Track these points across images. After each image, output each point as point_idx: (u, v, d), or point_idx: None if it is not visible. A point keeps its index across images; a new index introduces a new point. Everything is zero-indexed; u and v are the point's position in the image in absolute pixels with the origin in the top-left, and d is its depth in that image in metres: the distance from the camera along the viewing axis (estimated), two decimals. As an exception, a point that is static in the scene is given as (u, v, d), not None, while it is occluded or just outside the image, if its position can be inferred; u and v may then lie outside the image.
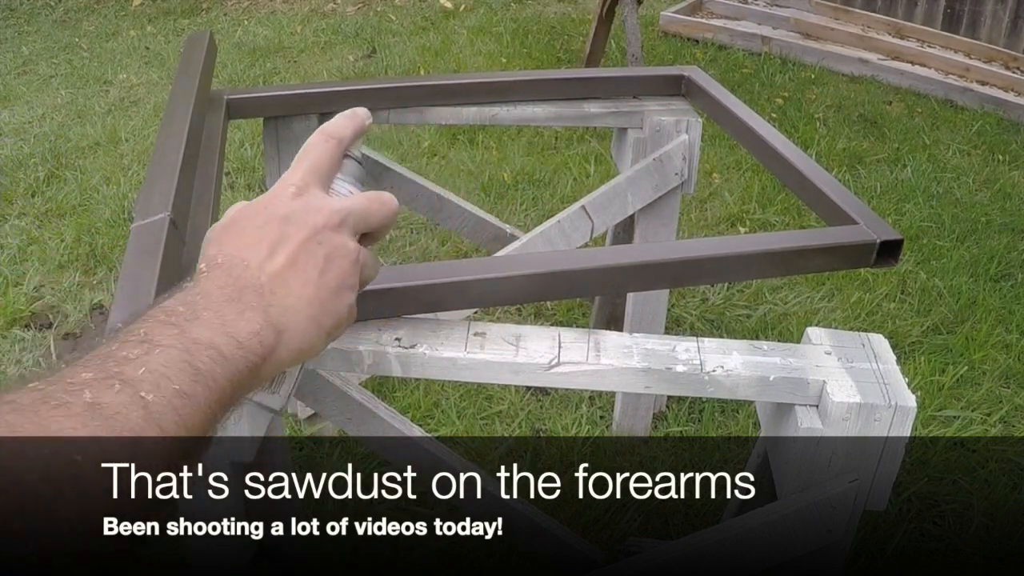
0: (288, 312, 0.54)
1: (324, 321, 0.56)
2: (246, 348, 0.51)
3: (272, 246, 0.55)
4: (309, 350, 0.56)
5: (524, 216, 2.79)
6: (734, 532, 0.94)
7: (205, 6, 5.29)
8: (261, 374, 0.53)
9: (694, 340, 0.95)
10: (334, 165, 0.61)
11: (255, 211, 0.57)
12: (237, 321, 0.51)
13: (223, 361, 0.49)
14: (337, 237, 0.57)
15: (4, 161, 3.28)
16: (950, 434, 1.97)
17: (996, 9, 4.11)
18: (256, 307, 0.53)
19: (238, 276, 0.53)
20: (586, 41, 3.75)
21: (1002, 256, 2.66)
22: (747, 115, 1.43)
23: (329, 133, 0.61)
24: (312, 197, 0.57)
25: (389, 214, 0.61)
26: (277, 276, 0.54)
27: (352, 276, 0.58)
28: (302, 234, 0.56)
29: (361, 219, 0.59)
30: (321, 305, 0.56)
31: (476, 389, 2.05)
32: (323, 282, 0.56)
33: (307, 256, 0.55)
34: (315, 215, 0.57)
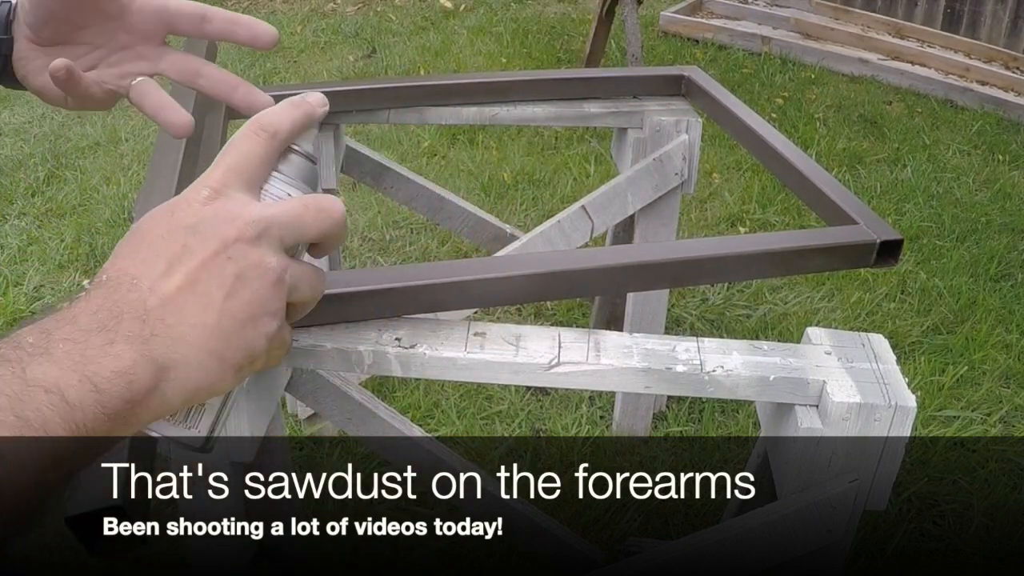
0: (178, 344, 0.45)
1: (229, 355, 0.47)
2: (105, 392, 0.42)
3: (170, 262, 0.46)
4: (209, 389, 0.47)
5: (524, 216, 2.79)
6: (734, 532, 0.94)
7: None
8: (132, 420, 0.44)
9: (694, 340, 0.95)
10: (265, 164, 0.50)
11: (160, 217, 0.48)
12: (100, 357, 0.42)
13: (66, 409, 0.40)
14: (253, 252, 0.47)
15: (4, 161, 3.28)
16: (950, 434, 1.97)
17: (996, 9, 4.11)
18: (133, 338, 0.43)
19: (120, 298, 0.44)
20: (586, 41, 3.75)
21: (1002, 256, 2.66)
22: (747, 115, 1.43)
23: (261, 125, 0.51)
24: (228, 202, 0.48)
25: (332, 223, 0.50)
26: (170, 299, 0.45)
27: (272, 300, 0.48)
28: (208, 248, 0.46)
29: (292, 229, 0.49)
30: (224, 336, 0.46)
31: (476, 389, 2.05)
32: (228, 308, 0.46)
33: (211, 275, 0.46)
34: (227, 225, 0.47)
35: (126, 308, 0.44)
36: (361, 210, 2.83)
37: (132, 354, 0.43)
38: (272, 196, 0.51)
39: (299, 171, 0.53)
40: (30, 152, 3.33)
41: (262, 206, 0.48)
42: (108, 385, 0.42)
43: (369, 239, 2.71)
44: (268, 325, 0.48)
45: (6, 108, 3.85)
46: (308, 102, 0.53)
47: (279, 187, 0.51)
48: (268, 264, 0.47)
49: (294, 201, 0.50)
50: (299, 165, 0.53)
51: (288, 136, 0.51)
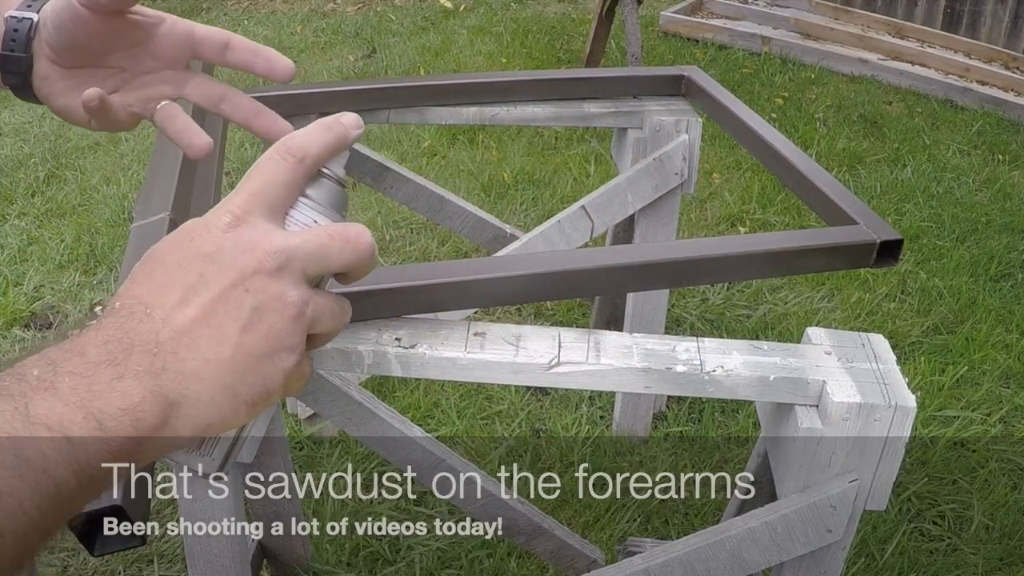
0: (190, 379, 0.43)
1: (243, 391, 0.45)
2: (110, 430, 0.40)
3: (185, 292, 0.44)
4: (222, 424, 0.45)
5: (524, 216, 2.79)
6: (734, 532, 0.94)
7: (205, 6, 5.29)
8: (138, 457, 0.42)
9: (694, 340, 0.95)
10: (291, 189, 0.48)
11: (178, 243, 0.46)
12: (107, 393, 0.40)
13: (69, 448, 0.39)
14: (274, 285, 0.45)
15: (4, 161, 3.28)
16: (950, 434, 1.97)
17: (996, 9, 4.12)
18: (142, 373, 0.42)
19: (132, 328, 0.43)
20: (586, 41, 3.75)
21: (1002, 256, 2.66)
22: (747, 115, 1.43)
23: (289, 149, 0.48)
24: (249, 230, 0.46)
25: (358, 255, 0.48)
26: (184, 332, 0.43)
27: (292, 335, 0.46)
28: (225, 279, 0.44)
29: (315, 261, 0.47)
30: (239, 372, 0.44)
31: (476, 389, 2.05)
32: (244, 342, 0.44)
33: (227, 308, 0.44)
34: (246, 255, 0.45)
35: (137, 340, 0.42)
36: (361, 210, 2.83)
37: (140, 390, 0.41)
38: (298, 223, 0.49)
39: (328, 197, 0.50)
40: (30, 152, 3.33)
41: (285, 235, 0.46)
42: (113, 423, 0.40)
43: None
44: (286, 361, 0.46)
45: (6, 108, 3.85)
46: (342, 123, 0.50)
47: (306, 213, 0.49)
48: (288, 298, 0.45)
49: (319, 231, 0.48)
50: (329, 190, 0.50)
51: (317, 161, 0.49)
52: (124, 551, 1.49)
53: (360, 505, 1.78)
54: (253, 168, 0.48)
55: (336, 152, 0.50)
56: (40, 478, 0.37)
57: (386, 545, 1.68)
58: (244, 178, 0.48)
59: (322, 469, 1.84)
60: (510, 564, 1.63)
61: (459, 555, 1.65)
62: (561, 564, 1.45)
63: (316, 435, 1.91)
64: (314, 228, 0.48)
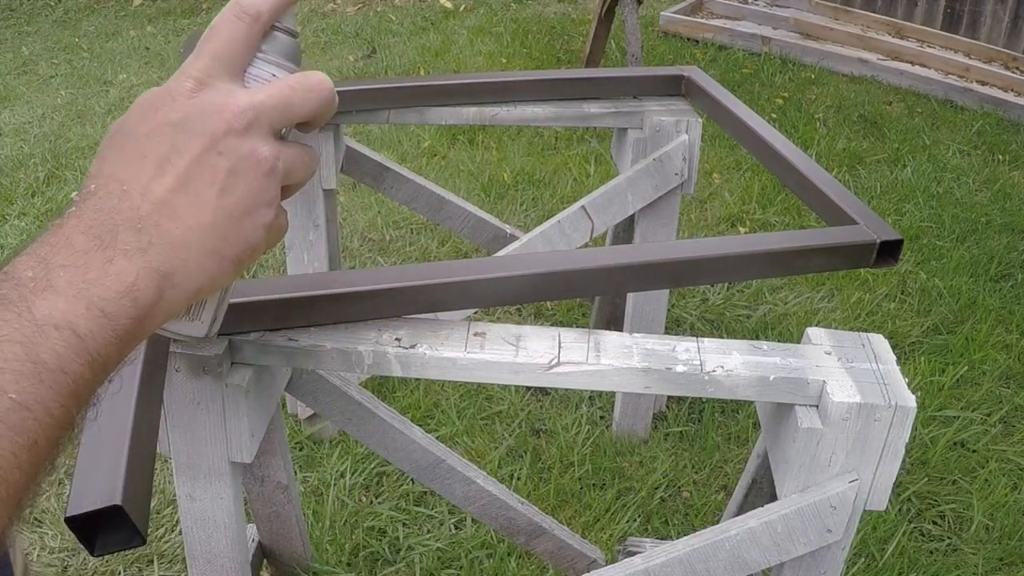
0: (177, 248, 0.44)
1: (228, 252, 0.46)
2: (113, 315, 0.41)
3: (159, 163, 0.44)
4: (211, 287, 0.47)
5: (524, 216, 2.79)
6: (734, 532, 0.94)
7: (205, 6, 5.30)
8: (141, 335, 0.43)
9: (694, 340, 0.95)
10: (249, 48, 0.48)
11: (144, 114, 0.46)
12: (103, 278, 0.41)
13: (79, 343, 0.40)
14: (244, 143, 0.46)
15: (4, 161, 3.28)
16: (950, 434, 1.97)
17: (996, 9, 4.12)
18: (131, 251, 0.42)
19: (112, 208, 0.43)
20: (586, 41, 3.75)
21: (1002, 256, 2.66)
22: (747, 115, 1.43)
23: (243, 7, 0.48)
24: (214, 93, 0.46)
25: (320, 100, 0.49)
26: (163, 203, 0.44)
27: (267, 190, 0.47)
28: (197, 145, 0.45)
29: (281, 113, 0.48)
30: (221, 234, 0.46)
31: (476, 389, 2.05)
32: (224, 204, 0.45)
33: (203, 173, 0.45)
34: (214, 118, 0.45)
35: (120, 219, 0.43)
36: (361, 210, 2.83)
37: (133, 268, 0.42)
38: (256, 79, 0.49)
39: (282, 49, 0.51)
40: (30, 152, 3.33)
41: (248, 93, 0.47)
42: (115, 307, 0.41)
43: (369, 239, 2.71)
44: (265, 216, 0.47)
45: (6, 108, 3.86)
46: None
47: (264, 68, 0.50)
48: (260, 154, 0.46)
49: (280, 84, 0.48)
50: (282, 43, 0.51)
51: (271, 17, 0.49)
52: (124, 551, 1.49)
53: (360, 505, 1.78)
54: (209, 31, 0.48)
55: (288, 6, 0.50)
56: (59, 378, 0.38)
57: (386, 545, 1.68)
58: (201, 40, 0.48)
59: (322, 469, 1.84)
60: (510, 564, 1.63)
61: (459, 555, 1.65)
62: (561, 564, 1.45)
63: (316, 435, 1.91)
64: (275, 82, 0.49)
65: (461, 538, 1.69)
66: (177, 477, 1.03)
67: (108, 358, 0.41)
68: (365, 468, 1.84)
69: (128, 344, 0.42)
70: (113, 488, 0.69)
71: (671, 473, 1.87)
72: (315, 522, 1.70)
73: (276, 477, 1.35)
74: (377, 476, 1.84)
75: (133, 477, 0.71)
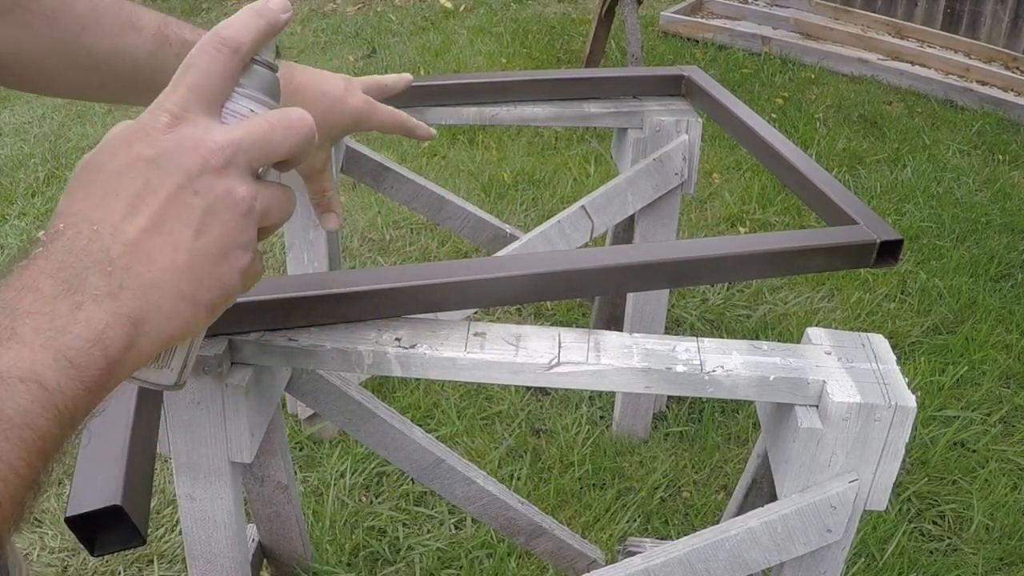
0: (149, 293, 0.42)
1: (202, 296, 0.44)
2: (81, 365, 0.39)
3: (131, 201, 0.42)
4: (184, 333, 0.44)
5: (524, 216, 2.79)
6: (734, 532, 0.94)
7: (205, 6, 5.29)
8: (110, 385, 0.41)
9: (694, 340, 0.95)
10: (228, 81, 0.46)
11: (116, 149, 0.44)
12: (71, 325, 0.39)
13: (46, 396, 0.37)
14: (221, 182, 0.44)
15: (4, 161, 3.28)
16: (950, 434, 1.97)
17: (996, 9, 4.12)
18: (101, 296, 0.40)
19: (82, 249, 0.40)
20: (586, 41, 3.75)
21: (1002, 256, 2.66)
22: (747, 115, 1.43)
23: (222, 39, 0.46)
24: (190, 128, 0.44)
25: (300, 139, 0.47)
26: (135, 244, 0.42)
27: (244, 231, 0.45)
28: (172, 182, 0.42)
29: (260, 152, 0.45)
30: (196, 278, 0.43)
31: (476, 389, 2.05)
32: (199, 247, 0.43)
33: (178, 213, 0.42)
34: (190, 155, 0.43)
35: (89, 262, 0.40)
36: (361, 210, 2.83)
37: (103, 315, 0.40)
38: (234, 114, 0.47)
39: (262, 83, 0.49)
40: (30, 152, 3.33)
41: (226, 130, 0.45)
42: (84, 358, 0.39)
43: (369, 239, 2.71)
44: (241, 259, 0.45)
45: (6, 108, 3.85)
46: (271, 8, 0.48)
47: (242, 103, 0.48)
48: (238, 194, 0.44)
49: (259, 120, 0.46)
50: (262, 77, 0.49)
51: (251, 50, 0.47)
52: (124, 551, 1.49)
53: (360, 505, 1.78)
54: (186, 62, 0.46)
55: (269, 38, 0.48)
56: (24, 434, 0.36)
57: (386, 545, 1.68)
58: (178, 72, 0.46)
59: (322, 469, 1.84)
60: (510, 564, 1.63)
61: (459, 555, 1.65)
62: (561, 564, 1.45)
63: (316, 435, 1.91)
64: (254, 118, 0.47)
65: (461, 538, 1.69)
66: (177, 477, 1.03)
67: (76, 411, 0.39)
68: (365, 468, 1.84)
69: (96, 396, 0.40)
70: (113, 488, 0.69)
71: (671, 473, 1.87)
72: (315, 522, 1.70)
73: (276, 477, 1.35)
74: (377, 476, 1.84)
75: (133, 477, 0.71)
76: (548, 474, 1.85)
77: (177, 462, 1.01)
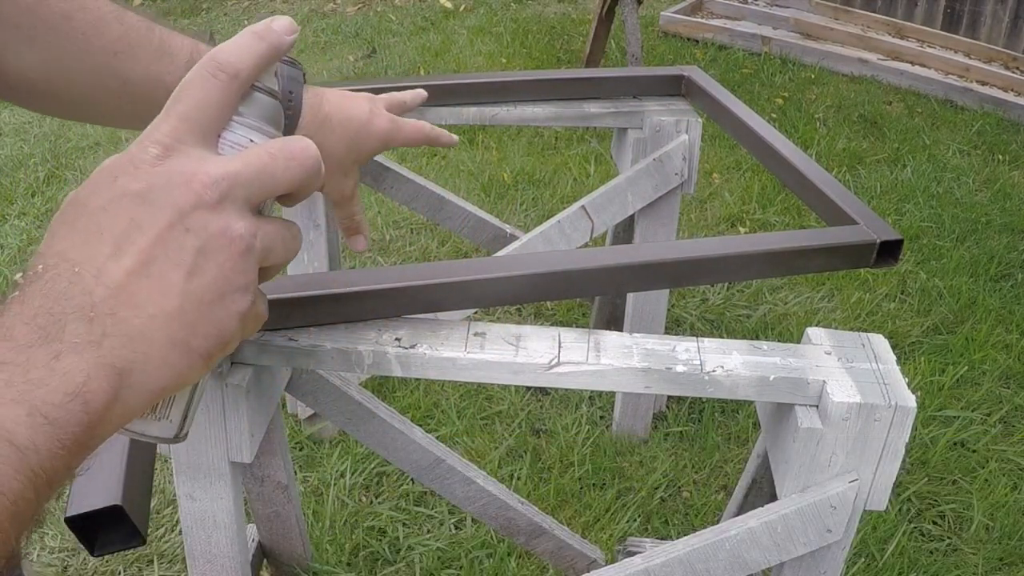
0: (136, 341, 0.38)
1: (196, 344, 0.40)
2: (58, 422, 0.35)
3: (117, 240, 0.38)
4: (177, 384, 0.40)
5: (524, 216, 2.79)
6: (734, 532, 0.94)
7: (205, 6, 5.29)
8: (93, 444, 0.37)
9: (694, 340, 0.95)
10: (224, 110, 0.43)
11: (100, 184, 0.40)
12: (48, 379, 0.35)
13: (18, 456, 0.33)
14: (216, 219, 0.40)
15: (4, 161, 3.28)
16: (950, 434, 1.97)
17: (996, 9, 4.12)
18: (81, 346, 0.36)
19: (61, 293, 0.37)
20: (586, 41, 3.75)
21: (1002, 256, 2.66)
22: (747, 115, 1.43)
23: (219, 64, 0.42)
24: (182, 160, 0.40)
25: (306, 171, 0.43)
26: (121, 288, 0.38)
27: (243, 273, 0.41)
28: (162, 219, 0.39)
29: (259, 185, 0.42)
30: (189, 324, 0.39)
31: (476, 389, 2.05)
32: (192, 290, 0.39)
33: (167, 253, 0.39)
34: (182, 189, 0.39)
35: (69, 307, 0.37)
36: (361, 210, 2.83)
37: (83, 366, 0.36)
38: (232, 145, 0.43)
39: (262, 112, 0.45)
40: (30, 152, 3.33)
41: (222, 161, 0.41)
42: (62, 413, 0.35)
43: (369, 239, 2.71)
44: (240, 302, 0.41)
45: (6, 108, 3.85)
46: (274, 31, 0.44)
47: (240, 133, 0.44)
48: (235, 231, 0.40)
49: (258, 151, 0.42)
50: (262, 104, 0.45)
51: (251, 76, 0.43)
52: (124, 551, 1.49)
53: (360, 505, 1.78)
54: (179, 89, 0.42)
55: (270, 63, 0.44)
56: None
57: (386, 545, 1.68)
58: (171, 100, 0.42)
59: (322, 469, 1.84)
60: (510, 564, 1.63)
61: (459, 555, 1.65)
62: (561, 564, 1.45)
63: (316, 435, 1.91)
64: (253, 148, 0.43)
65: (461, 538, 1.69)
66: (177, 477, 1.03)
67: (54, 472, 0.35)
68: (365, 468, 1.84)
69: (77, 455, 0.36)
70: (113, 488, 0.69)
71: (671, 473, 1.87)
72: (315, 522, 1.70)
73: (276, 477, 1.35)
74: (377, 476, 1.84)
75: (133, 477, 0.71)
76: (548, 474, 1.85)
77: (177, 462, 1.01)
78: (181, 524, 1.08)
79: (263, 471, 1.35)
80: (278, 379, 1.07)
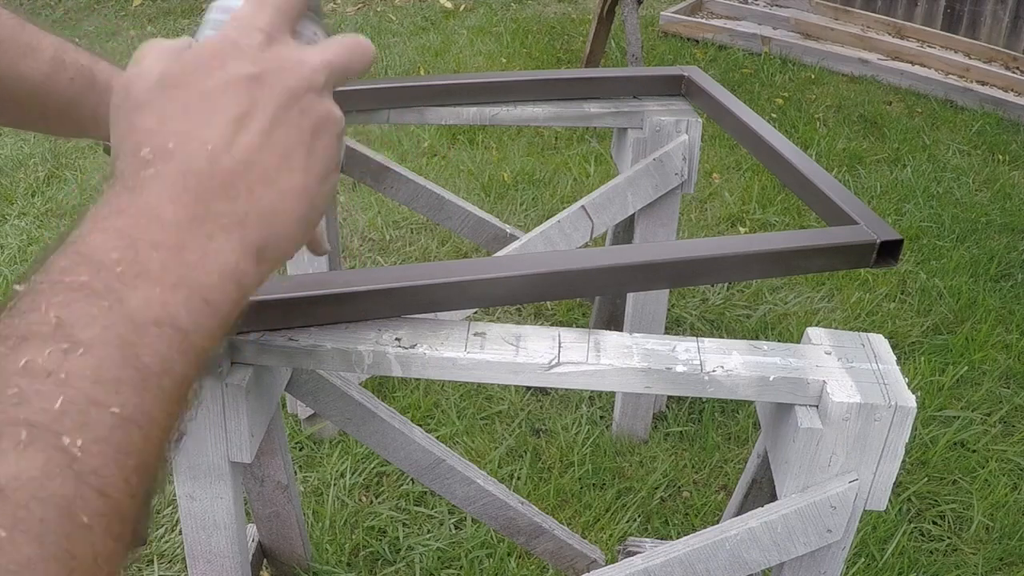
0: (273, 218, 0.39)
1: (313, 218, 0.42)
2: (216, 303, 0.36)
3: (239, 119, 0.39)
4: (288, 258, 0.42)
5: (524, 216, 2.79)
6: (734, 532, 0.94)
7: (205, 6, 5.29)
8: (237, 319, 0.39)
9: (694, 340, 0.95)
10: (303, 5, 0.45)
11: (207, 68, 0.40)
12: (203, 260, 0.36)
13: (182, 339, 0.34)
14: (323, 103, 0.42)
15: (4, 161, 3.28)
16: (950, 434, 1.97)
17: (996, 9, 4.12)
18: (230, 225, 0.37)
19: (199, 174, 0.37)
20: (586, 41, 3.75)
21: (1002, 256, 2.66)
22: (747, 115, 1.43)
23: None
24: (284, 48, 0.42)
25: (367, 63, 0.47)
26: (252, 164, 0.39)
27: (339, 153, 0.44)
28: (278, 101, 0.40)
29: (342, 73, 0.45)
30: (311, 199, 0.41)
31: (476, 389, 2.05)
32: (311, 167, 0.41)
33: (289, 132, 0.40)
34: (293, 74, 0.41)
35: (211, 186, 0.37)
36: (361, 210, 2.83)
37: (233, 246, 0.37)
38: (302, 37, 0.46)
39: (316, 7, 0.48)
40: (30, 152, 3.33)
41: (318, 51, 0.43)
42: (218, 294, 0.36)
43: (369, 239, 2.71)
44: (335, 180, 0.44)
45: (6, 108, 3.85)
46: None
47: (307, 26, 0.47)
48: (335, 115, 0.43)
49: (337, 44, 0.45)
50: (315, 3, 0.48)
51: None
52: (124, 551, 1.48)
53: (360, 505, 1.78)
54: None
55: None
56: (164, 383, 0.33)
57: (386, 545, 1.68)
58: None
59: (322, 469, 1.84)
60: (510, 564, 1.63)
61: (459, 555, 1.65)
62: (561, 564, 1.45)
63: (316, 435, 1.91)
64: (332, 41, 0.46)
65: (461, 538, 1.69)
66: (177, 477, 1.03)
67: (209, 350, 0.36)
68: (365, 468, 1.84)
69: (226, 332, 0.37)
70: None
71: (671, 473, 1.87)
72: (315, 522, 1.70)
73: (276, 477, 1.35)
74: (377, 476, 1.84)
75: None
76: (548, 474, 1.85)
77: (177, 462, 1.01)
78: (181, 524, 1.08)
79: (263, 471, 1.35)
80: (278, 379, 1.07)
